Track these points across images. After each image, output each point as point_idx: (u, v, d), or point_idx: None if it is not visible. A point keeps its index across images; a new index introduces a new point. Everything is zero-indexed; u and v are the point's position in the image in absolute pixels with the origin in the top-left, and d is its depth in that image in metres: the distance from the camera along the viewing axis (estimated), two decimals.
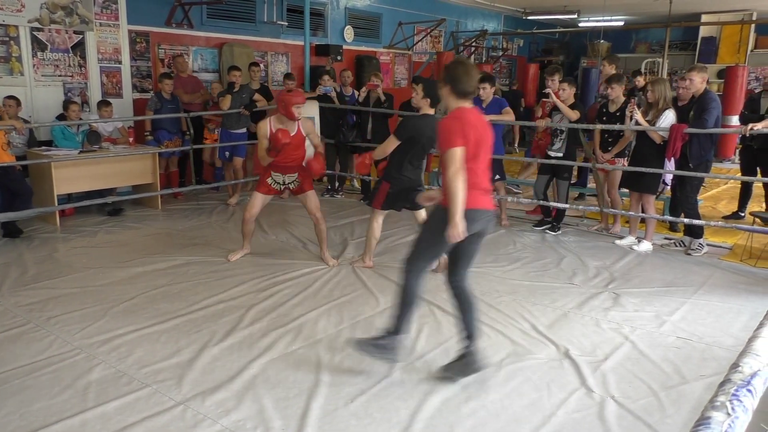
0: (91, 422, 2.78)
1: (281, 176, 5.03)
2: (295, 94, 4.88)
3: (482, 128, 3.06)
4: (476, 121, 3.05)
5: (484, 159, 3.07)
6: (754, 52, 13.35)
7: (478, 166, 3.04)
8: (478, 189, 3.03)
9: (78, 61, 7.13)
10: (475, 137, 2.98)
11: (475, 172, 3.01)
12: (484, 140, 3.04)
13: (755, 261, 5.41)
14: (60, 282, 4.62)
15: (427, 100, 4.52)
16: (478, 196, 3.03)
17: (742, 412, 0.89)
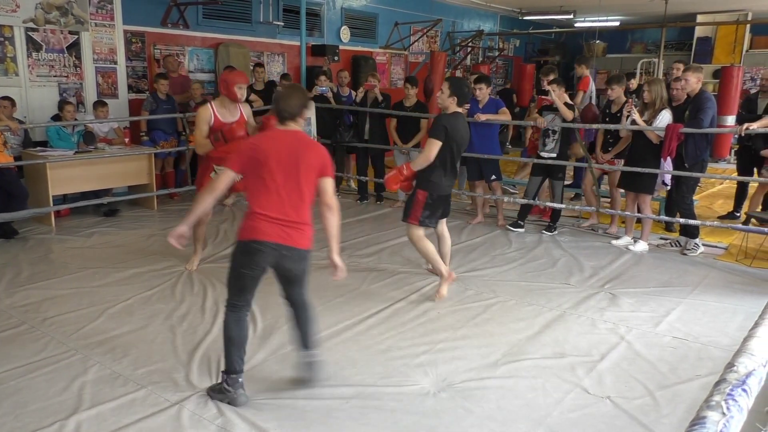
0: (87, 423, 2.77)
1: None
2: (237, 74, 4.62)
3: (288, 151, 2.83)
4: (280, 143, 2.85)
5: (287, 185, 2.82)
6: (750, 52, 13.39)
7: (272, 192, 2.81)
8: (264, 217, 2.80)
9: (73, 62, 7.11)
10: (264, 160, 2.79)
11: (264, 197, 2.81)
12: (284, 164, 2.81)
13: (750, 261, 5.43)
14: (55, 283, 4.61)
15: (454, 99, 4.20)
16: (260, 224, 2.81)
17: (737, 412, 0.89)
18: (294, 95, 2.96)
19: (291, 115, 2.93)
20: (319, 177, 2.91)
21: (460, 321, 4.01)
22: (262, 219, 2.81)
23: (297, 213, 2.86)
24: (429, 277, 4.88)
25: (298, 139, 2.92)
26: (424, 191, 4.31)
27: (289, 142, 2.87)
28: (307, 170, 2.86)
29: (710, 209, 7.49)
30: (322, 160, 2.92)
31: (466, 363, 3.42)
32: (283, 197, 2.82)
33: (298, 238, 2.88)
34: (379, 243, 5.81)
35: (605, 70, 13.48)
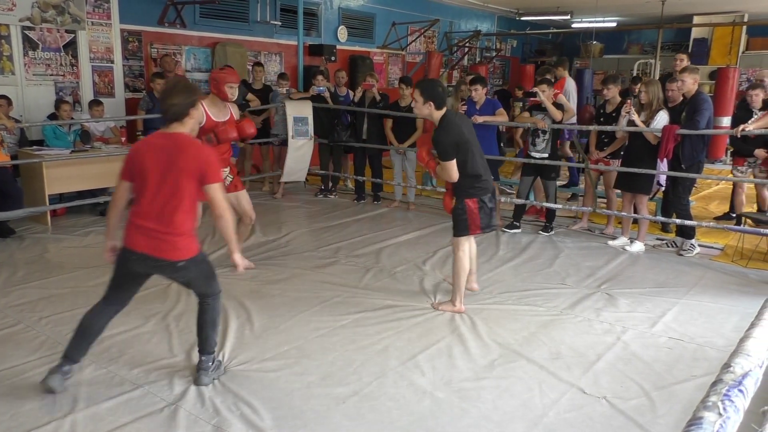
0: (83, 423, 2.76)
1: None
2: (229, 72, 4.42)
3: (162, 157, 2.71)
4: (157, 148, 2.75)
5: (161, 193, 2.71)
6: (746, 53, 13.43)
7: (146, 200, 2.74)
8: (135, 225, 2.79)
9: (70, 60, 7.09)
10: (140, 166, 2.74)
11: (139, 204, 2.79)
12: (159, 171, 2.71)
13: (746, 262, 5.45)
14: (51, 282, 4.59)
15: (430, 104, 3.88)
16: (131, 232, 2.81)
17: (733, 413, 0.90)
18: (177, 93, 2.75)
19: (175, 116, 2.75)
20: (200, 184, 2.72)
21: (457, 321, 4.01)
22: (133, 227, 2.77)
23: (169, 222, 2.72)
24: (425, 276, 4.88)
25: (176, 143, 2.73)
26: (472, 199, 4.00)
27: (166, 146, 2.72)
28: (183, 177, 2.69)
29: (706, 210, 7.51)
30: (199, 165, 2.71)
31: (463, 363, 3.42)
32: (155, 206, 2.71)
33: (166, 249, 2.75)
34: (376, 243, 5.81)
35: (602, 71, 13.48)
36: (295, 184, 8.29)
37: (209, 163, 2.75)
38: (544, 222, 6.44)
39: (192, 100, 2.76)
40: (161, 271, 2.85)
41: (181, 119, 2.76)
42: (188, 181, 2.70)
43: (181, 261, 2.78)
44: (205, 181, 2.73)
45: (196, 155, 2.72)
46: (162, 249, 2.75)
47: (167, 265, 2.80)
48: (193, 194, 2.73)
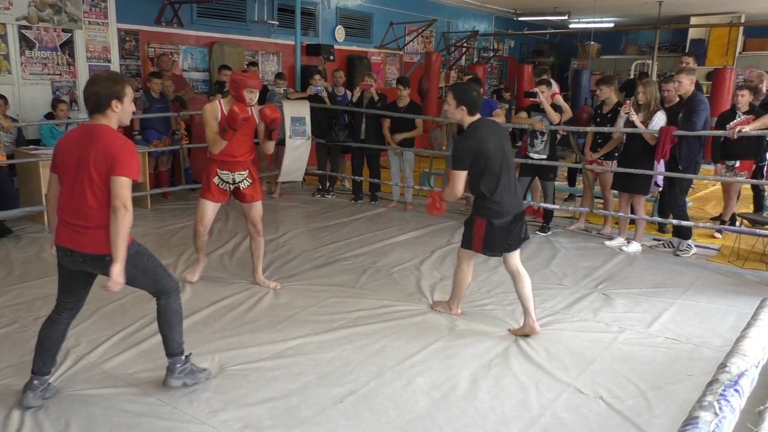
0: (76, 425, 2.75)
1: (229, 174, 4.31)
2: (250, 76, 4.20)
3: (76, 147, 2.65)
4: (73, 140, 2.70)
5: (75, 185, 2.64)
6: (743, 54, 13.46)
7: (64, 193, 2.69)
8: (59, 220, 2.75)
9: (66, 60, 7.07)
10: (60, 159, 2.71)
11: (60, 198, 2.73)
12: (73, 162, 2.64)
13: (743, 262, 5.46)
14: (47, 282, 4.57)
15: (463, 109, 3.64)
16: (57, 227, 2.77)
17: (729, 412, 0.90)
18: (99, 82, 2.64)
19: (94, 107, 2.64)
20: (109, 175, 2.58)
21: (454, 321, 4.01)
22: (60, 222, 2.73)
23: (84, 215, 2.64)
24: (423, 276, 4.88)
25: (91, 134, 2.64)
26: (482, 219, 3.72)
27: (82, 138, 2.65)
28: (93, 167, 2.58)
29: (703, 210, 7.52)
30: (107, 154, 2.58)
31: (460, 363, 3.42)
32: (71, 198, 2.65)
33: (86, 242, 2.66)
34: (374, 242, 5.81)
35: (600, 71, 13.51)
36: (293, 184, 8.28)
37: (119, 153, 2.59)
38: (541, 222, 6.45)
39: (114, 91, 2.62)
40: (92, 266, 2.74)
41: (102, 110, 2.64)
42: (100, 172, 2.58)
43: (107, 254, 2.62)
44: (112, 173, 2.58)
45: (107, 145, 2.59)
46: (82, 243, 2.66)
47: (94, 259, 2.68)
48: (105, 185, 2.60)
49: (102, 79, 2.66)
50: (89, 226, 2.65)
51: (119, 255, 2.58)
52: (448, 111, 3.76)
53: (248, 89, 4.10)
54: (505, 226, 3.68)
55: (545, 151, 6.12)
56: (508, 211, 3.67)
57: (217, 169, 4.30)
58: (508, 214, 3.68)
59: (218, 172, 4.30)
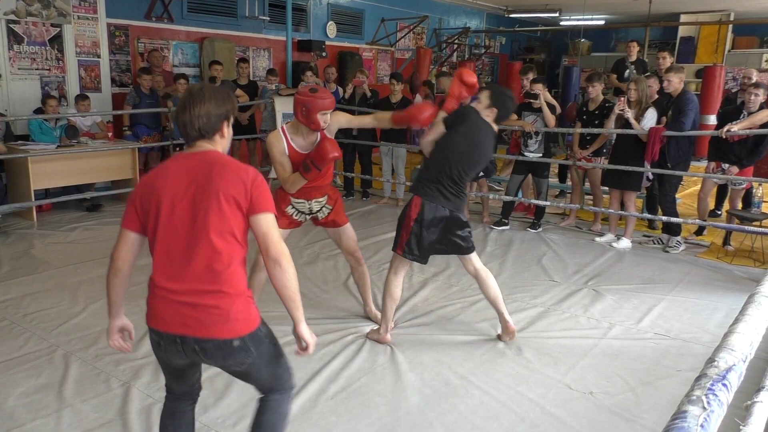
0: (68, 420, 2.74)
1: (306, 203, 3.60)
2: (322, 95, 3.31)
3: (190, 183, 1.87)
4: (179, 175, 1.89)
5: (190, 237, 1.86)
6: (732, 52, 13.55)
7: (167, 249, 1.89)
8: (159, 290, 1.93)
9: (55, 55, 7.02)
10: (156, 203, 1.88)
11: (158, 258, 1.92)
12: (185, 204, 1.86)
13: (731, 258, 5.50)
14: (36, 278, 4.55)
15: (493, 112, 3.38)
16: (155, 302, 1.94)
17: (717, 406, 0.91)
18: (206, 100, 1.92)
19: (201, 131, 1.92)
20: (246, 214, 1.88)
21: (446, 317, 4.02)
22: (158, 294, 1.92)
23: (214, 279, 1.85)
24: (414, 273, 4.89)
25: (209, 162, 1.90)
26: (418, 197, 3.42)
27: (193, 169, 1.89)
28: (224, 206, 1.84)
29: (692, 207, 7.56)
30: (244, 188, 1.87)
31: (451, 359, 3.43)
32: (184, 256, 1.86)
33: (212, 321, 1.85)
34: (365, 239, 5.81)
35: (590, 68, 13.55)
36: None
37: (259, 184, 1.90)
38: (532, 219, 6.47)
39: (225, 111, 1.95)
40: (207, 357, 1.91)
41: (211, 135, 1.94)
42: (233, 212, 1.85)
43: (236, 339, 1.87)
44: (254, 210, 1.87)
45: (240, 176, 1.88)
46: (205, 322, 1.85)
47: (217, 346, 1.87)
48: (239, 230, 1.88)
49: (210, 96, 1.94)
50: (220, 291, 1.86)
51: (300, 316, 1.97)
52: (477, 107, 3.42)
53: (322, 112, 3.30)
54: (435, 221, 3.39)
55: (540, 150, 6.15)
56: (439, 208, 3.38)
57: (291, 198, 3.57)
58: (438, 209, 3.38)
59: (292, 200, 3.58)
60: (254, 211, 1.87)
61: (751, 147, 5.49)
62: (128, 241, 1.97)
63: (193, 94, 1.93)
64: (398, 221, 3.52)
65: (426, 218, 3.36)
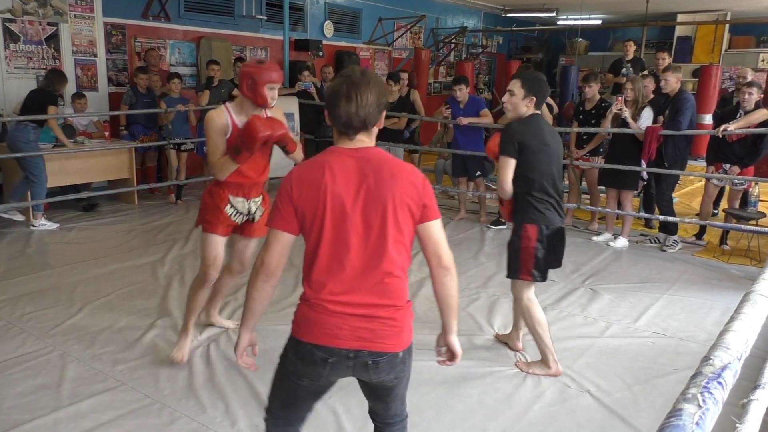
0: (65, 420, 2.74)
1: (245, 201, 3.20)
2: (268, 68, 3.01)
3: (360, 185, 1.70)
4: (346, 174, 1.71)
5: (364, 246, 1.70)
6: (728, 51, 13.57)
7: (337, 259, 1.71)
8: (329, 303, 1.72)
9: (52, 54, 7.00)
10: (322, 204, 1.69)
11: (325, 268, 1.73)
12: (358, 209, 1.69)
13: (728, 257, 5.52)
14: (33, 278, 4.54)
15: (531, 100, 3.11)
16: (323, 317, 1.73)
17: (712, 404, 0.91)
18: (367, 87, 1.71)
19: (363, 122, 1.73)
20: (418, 221, 1.75)
21: None
22: (327, 308, 1.72)
23: (386, 291, 1.72)
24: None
25: (379, 161, 1.73)
26: (533, 225, 3.14)
27: (361, 170, 1.71)
28: (399, 214, 1.70)
29: (689, 206, 7.59)
30: (414, 191, 1.72)
31: None
32: (358, 266, 1.70)
33: (388, 334, 1.74)
34: None
35: (587, 68, 13.58)
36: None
37: (428, 188, 1.77)
38: None
39: (386, 99, 1.78)
40: (374, 371, 1.77)
41: (371, 127, 1.76)
42: (406, 219, 1.72)
43: (402, 351, 1.80)
44: (426, 216, 1.75)
45: (413, 178, 1.74)
46: (381, 335, 1.73)
47: (388, 360, 1.76)
48: (409, 240, 1.76)
49: (374, 83, 1.73)
50: (394, 304, 1.74)
51: (455, 325, 1.89)
52: (509, 102, 3.14)
53: (269, 85, 2.98)
54: (555, 236, 3.18)
55: None
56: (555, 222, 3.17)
57: (230, 196, 3.15)
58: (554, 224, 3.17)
59: (231, 199, 3.16)
60: (426, 219, 1.75)
61: (751, 146, 5.48)
62: (283, 243, 1.75)
63: (356, 82, 1.71)
64: (511, 249, 3.27)
65: (546, 237, 3.16)
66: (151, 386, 3.04)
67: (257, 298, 1.81)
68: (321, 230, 1.70)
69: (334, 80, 1.80)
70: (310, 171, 1.73)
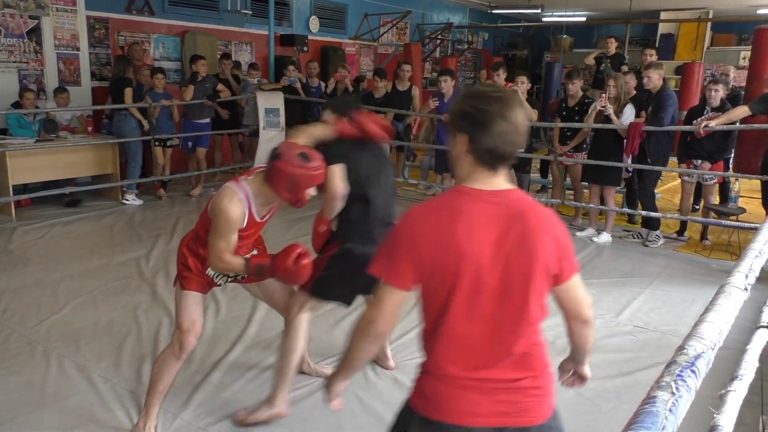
0: (49, 418, 2.72)
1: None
2: (315, 164, 2.41)
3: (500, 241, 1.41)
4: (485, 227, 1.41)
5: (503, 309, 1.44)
6: (710, 49, 13.72)
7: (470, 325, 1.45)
8: (465, 379, 1.46)
9: (34, 47, 6.91)
10: (453, 259, 1.40)
11: (454, 336, 1.46)
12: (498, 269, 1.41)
13: (709, 252, 5.60)
14: (15, 274, 4.50)
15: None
16: (458, 393, 1.47)
17: (685, 392, 0.94)
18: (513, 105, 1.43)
19: (510, 154, 1.45)
20: (558, 281, 1.51)
21: None
22: (460, 384, 1.47)
23: (527, 363, 1.51)
24: None
25: (523, 210, 1.44)
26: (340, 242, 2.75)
27: (501, 222, 1.42)
28: (543, 280, 1.46)
29: (671, 202, 7.68)
30: (558, 248, 1.47)
31: None
32: (497, 342, 1.46)
33: (534, 405, 1.51)
34: None
35: (572, 65, 13.66)
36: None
37: (569, 237, 1.53)
38: None
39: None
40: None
41: (510, 160, 1.48)
42: (549, 281, 1.49)
43: (550, 418, 1.57)
44: (569, 274, 1.51)
45: (557, 231, 1.48)
46: (530, 407, 1.50)
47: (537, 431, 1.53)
48: (545, 300, 1.53)
49: (519, 101, 1.47)
50: (536, 373, 1.52)
51: (586, 362, 1.80)
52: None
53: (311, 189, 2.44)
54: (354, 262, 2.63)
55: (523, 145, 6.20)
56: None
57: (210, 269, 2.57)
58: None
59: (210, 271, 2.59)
60: (567, 277, 1.50)
61: (719, 142, 5.59)
62: (397, 302, 1.47)
63: (506, 99, 1.42)
64: None
65: None
66: (135, 382, 3.03)
67: (362, 358, 1.58)
68: (450, 297, 1.42)
69: (472, 96, 1.47)
70: (438, 220, 1.41)
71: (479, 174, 1.44)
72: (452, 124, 1.47)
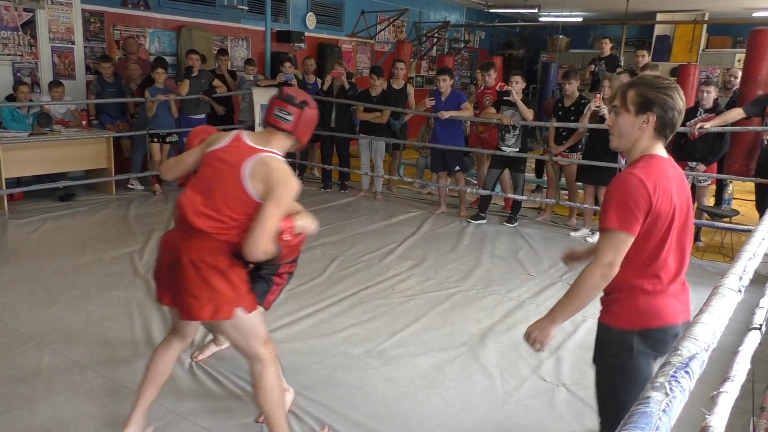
0: (42, 412, 2.71)
1: None
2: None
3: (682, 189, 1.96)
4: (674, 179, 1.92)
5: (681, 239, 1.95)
6: (706, 51, 13.78)
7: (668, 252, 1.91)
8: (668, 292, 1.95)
9: (28, 40, 6.87)
10: (666, 208, 1.86)
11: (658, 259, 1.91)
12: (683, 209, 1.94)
13: (702, 254, 5.62)
14: (8, 269, 4.48)
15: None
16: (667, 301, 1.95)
17: (679, 393, 0.95)
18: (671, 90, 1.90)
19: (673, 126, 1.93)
20: None
21: (422, 310, 4.06)
22: (669, 292, 1.95)
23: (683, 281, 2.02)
24: (392, 265, 4.91)
25: (677, 168, 2.02)
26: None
27: (677, 177, 1.96)
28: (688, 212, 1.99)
29: None
30: None
31: (428, 351, 3.47)
32: (682, 256, 1.97)
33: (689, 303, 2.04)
34: (343, 231, 5.82)
35: (568, 65, 13.68)
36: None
37: None
38: (509, 213, 6.54)
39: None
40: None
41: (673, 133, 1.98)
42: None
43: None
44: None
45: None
46: (689, 306, 2.02)
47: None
48: None
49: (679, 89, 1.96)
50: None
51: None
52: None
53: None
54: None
55: (517, 144, 6.22)
56: None
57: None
58: None
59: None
60: None
61: (712, 144, 5.63)
62: (629, 246, 1.86)
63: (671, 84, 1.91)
64: None
65: None
66: (128, 377, 3.02)
67: (591, 297, 2.01)
68: (667, 233, 1.88)
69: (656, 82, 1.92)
70: (662, 179, 1.87)
71: (659, 144, 1.94)
72: (639, 107, 1.90)
